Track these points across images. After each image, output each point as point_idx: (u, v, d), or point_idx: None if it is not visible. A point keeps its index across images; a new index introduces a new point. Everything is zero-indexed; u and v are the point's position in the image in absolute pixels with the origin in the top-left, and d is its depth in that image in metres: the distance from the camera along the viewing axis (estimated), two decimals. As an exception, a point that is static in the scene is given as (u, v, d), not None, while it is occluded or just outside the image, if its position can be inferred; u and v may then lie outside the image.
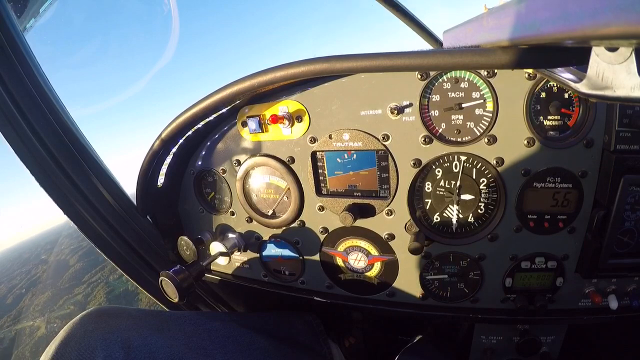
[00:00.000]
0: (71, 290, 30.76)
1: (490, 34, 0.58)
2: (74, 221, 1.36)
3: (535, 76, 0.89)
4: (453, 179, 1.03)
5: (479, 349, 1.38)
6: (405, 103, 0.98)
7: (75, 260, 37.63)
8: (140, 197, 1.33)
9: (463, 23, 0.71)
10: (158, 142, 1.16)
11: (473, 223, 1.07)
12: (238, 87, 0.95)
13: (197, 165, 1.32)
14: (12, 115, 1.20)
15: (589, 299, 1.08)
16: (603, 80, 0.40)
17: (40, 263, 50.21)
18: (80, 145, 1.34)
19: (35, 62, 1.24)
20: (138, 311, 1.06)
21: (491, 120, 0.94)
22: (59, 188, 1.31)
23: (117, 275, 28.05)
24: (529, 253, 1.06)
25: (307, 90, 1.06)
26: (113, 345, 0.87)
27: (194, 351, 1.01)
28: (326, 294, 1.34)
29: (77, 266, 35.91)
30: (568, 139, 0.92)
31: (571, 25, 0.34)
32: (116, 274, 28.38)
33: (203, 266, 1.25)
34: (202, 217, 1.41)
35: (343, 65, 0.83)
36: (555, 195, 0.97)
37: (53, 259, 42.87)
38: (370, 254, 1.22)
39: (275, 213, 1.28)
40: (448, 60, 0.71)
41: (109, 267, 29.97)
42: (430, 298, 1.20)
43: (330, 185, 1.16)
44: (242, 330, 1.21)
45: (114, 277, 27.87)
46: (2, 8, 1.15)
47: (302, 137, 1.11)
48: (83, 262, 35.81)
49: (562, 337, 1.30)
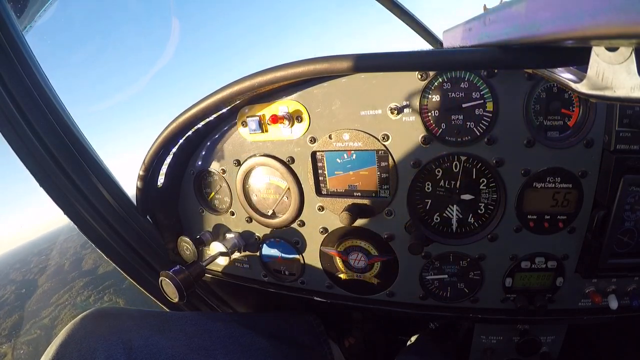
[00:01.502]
0: (39, 313, 29.73)
1: (490, 34, 0.58)
2: (74, 221, 1.36)
3: (535, 76, 0.89)
4: (453, 179, 1.03)
5: (479, 349, 1.38)
6: (405, 103, 0.98)
7: (44, 280, 36.64)
8: (140, 197, 1.33)
9: (463, 23, 0.71)
10: (158, 142, 1.16)
11: (473, 223, 1.07)
12: (238, 87, 0.95)
13: (197, 165, 1.32)
14: (12, 115, 1.20)
15: (589, 299, 1.08)
16: (603, 80, 0.40)
17: (8, 284, 48.63)
18: (80, 145, 1.34)
19: (35, 62, 1.24)
20: (139, 312, 1.06)
21: (491, 121, 0.94)
22: (59, 188, 1.32)
23: (84, 297, 27.37)
24: (529, 253, 1.06)
25: (307, 90, 1.06)
26: (114, 346, 0.86)
27: (195, 352, 1.01)
28: (326, 294, 1.34)
29: (46, 286, 34.94)
30: (568, 139, 0.92)
31: (571, 25, 0.34)
32: (83, 296, 27.78)
33: (203, 266, 1.25)
34: (202, 217, 1.41)
35: (343, 65, 0.83)
36: (555, 195, 0.97)
37: (22, 278, 41.81)
38: (370, 254, 1.21)
39: (275, 213, 1.28)
40: (448, 60, 0.71)
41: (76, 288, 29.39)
42: (430, 298, 1.20)
43: (330, 185, 1.16)
44: (244, 330, 1.21)
45: (82, 298, 27.08)
46: (2, 8, 1.15)
47: (302, 137, 1.11)
48: (51, 282, 34.99)
49: (562, 337, 1.29)
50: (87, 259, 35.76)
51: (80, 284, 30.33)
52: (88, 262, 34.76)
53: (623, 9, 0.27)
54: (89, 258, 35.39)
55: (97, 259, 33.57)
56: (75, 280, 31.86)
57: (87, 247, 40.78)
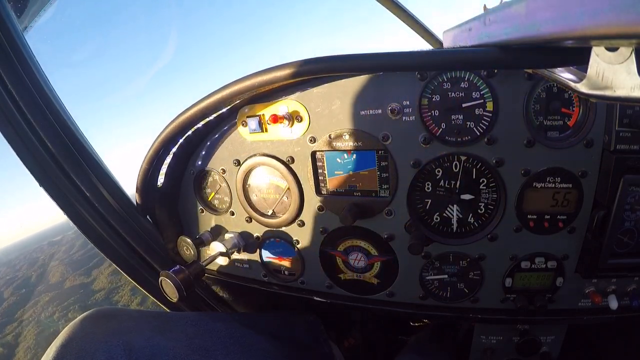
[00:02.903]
0: (2, 329, 28.53)
1: (490, 33, 0.58)
2: (73, 221, 1.36)
3: (535, 76, 0.88)
4: (453, 179, 1.03)
5: (479, 349, 1.38)
6: (405, 103, 0.98)
7: (9, 293, 35.77)
8: (140, 197, 1.33)
9: (463, 23, 0.71)
10: (158, 142, 1.16)
11: (473, 223, 1.07)
12: (238, 87, 0.95)
13: (197, 165, 1.32)
14: (12, 115, 1.20)
15: (589, 299, 1.08)
16: (603, 80, 0.40)
17: (-26, 296, 47.82)
18: (80, 145, 1.34)
19: (35, 61, 1.24)
20: (139, 312, 1.06)
21: (491, 121, 0.94)
22: (59, 188, 1.31)
23: (49, 312, 26.24)
24: (529, 253, 1.06)
25: (307, 90, 1.06)
26: (115, 347, 0.85)
27: (196, 353, 1.00)
28: (326, 294, 1.34)
29: (11, 300, 34.09)
30: (568, 139, 0.92)
31: (571, 25, 0.35)
32: (48, 312, 26.95)
33: (203, 266, 1.25)
34: (202, 217, 1.41)
35: (343, 65, 0.83)
36: (555, 195, 0.97)
37: (-13, 292, 40.69)
38: (370, 254, 1.21)
39: (275, 213, 1.28)
40: (448, 60, 0.71)
41: (42, 303, 28.56)
42: (430, 298, 1.20)
43: (330, 185, 1.16)
44: (245, 331, 1.21)
45: (46, 314, 26.06)
46: (2, 8, 1.15)
47: (302, 137, 1.11)
48: (17, 296, 34.01)
49: (562, 337, 1.30)
50: (54, 272, 34.98)
51: (46, 299, 29.40)
52: (55, 275, 33.99)
53: (623, 9, 0.27)
54: (56, 270, 34.58)
55: (64, 271, 32.94)
56: (41, 295, 30.91)
57: (55, 259, 39.90)
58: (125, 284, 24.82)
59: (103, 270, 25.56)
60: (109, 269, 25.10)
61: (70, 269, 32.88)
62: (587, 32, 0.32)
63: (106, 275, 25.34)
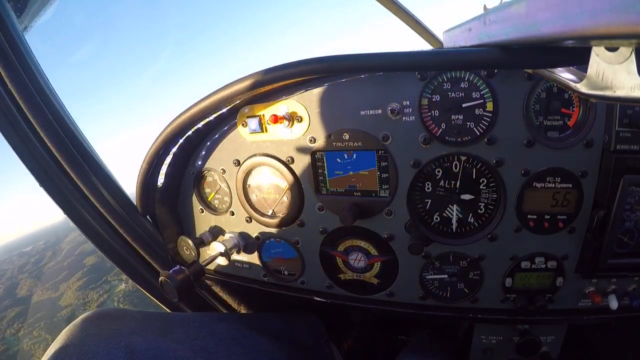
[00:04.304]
0: None
1: (490, 33, 0.58)
2: (73, 221, 1.37)
3: (535, 76, 0.89)
4: (453, 179, 1.03)
5: (479, 349, 1.38)
6: (405, 103, 0.98)
7: None
8: (140, 197, 1.33)
9: (463, 23, 0.71)
10: (158, 142, 1.16)
11: (473, 223, 1.07)
12: (238, 87, 0.95)
13: (197, 165, 1.32)
14: (12, 115, 1.20)
15: (589, 299, 1.08)
16: (603, 80, 0.40)
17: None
18: (80, 145, 1.34)
19: (35, 61, 1.24)
20: (141, 313, 1.04)
21: (491, 121, 0.94)
22: (59, 188, 1.32)
23: (14, 330, 25.85)
24: (529, 253, 1.06)
25: (307, 90, 1.06)
26: (116, 349, 0.83)
27: (199, 355, 0.98)
28: (326, 294, 1.34)
29: None
30: (568, 139, 0.92)
31: (571, 25, 0.34)
32: (13, 329, 26.45)
33: (203, 266, 1.25)
34: (202, 217, 1.41)
35: (343, 65, 0.83)
36: (555, 195, 0.97)
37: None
38: (370, 254, 1.21)
39: (275, 213, 1.28)
40: (448, 60, 0.71)
41: (8, 318, 27.74)
42: (430, 298, 1.20)
43: (330, 185, 1.16)
44: (246, 331, 1.20)
45: (11, 331, 25.37)
46: (2, 8, 1.15)
47: (302, 137, 1.11)
48: None
49: (562, 337, 1.30)
50: (22, 285, 34.55)
51: (12, 314, 28.91)
52: (23, 289, 33.59)
53: (623, 9, 0.27)
54: (24, 284, 34.14)
55: (32, 285, 32.39)
56: (8, 310, 30.41)
57: (24, 272, 39.22)
58: (92, 301, 24.28)
59: (71, 284, 25.15)
60: (76, 283, 24.61)
61: (39, 282, 32.17)
62: (587, 32, 0.32)
63: (74, 290, 24.97)
